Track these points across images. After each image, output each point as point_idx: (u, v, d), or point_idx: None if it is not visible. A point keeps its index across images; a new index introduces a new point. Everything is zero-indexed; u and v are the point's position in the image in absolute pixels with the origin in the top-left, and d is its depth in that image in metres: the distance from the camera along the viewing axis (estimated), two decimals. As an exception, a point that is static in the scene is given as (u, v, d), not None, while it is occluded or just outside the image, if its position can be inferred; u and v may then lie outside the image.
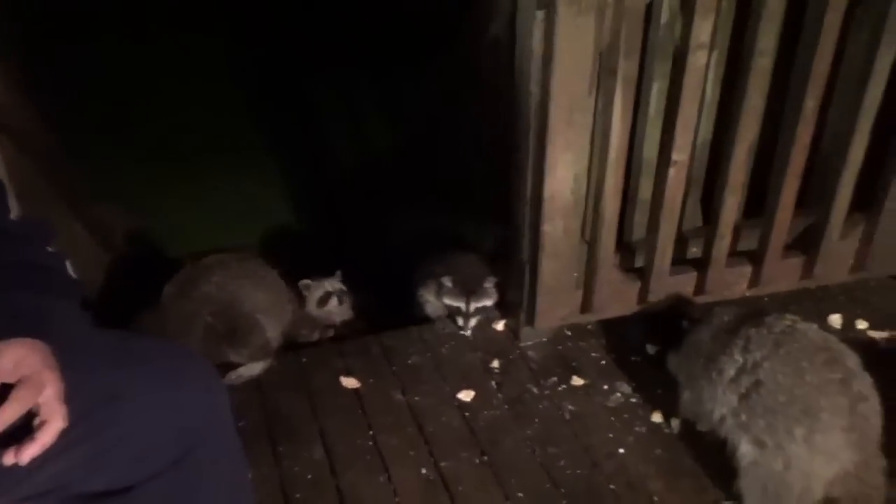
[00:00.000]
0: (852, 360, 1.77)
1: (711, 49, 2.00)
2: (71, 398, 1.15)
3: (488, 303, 2.44)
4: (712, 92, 2.26)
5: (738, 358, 1.81)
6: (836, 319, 2.47)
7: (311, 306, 2.58)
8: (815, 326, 1.86)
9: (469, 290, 2.41)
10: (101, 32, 5.80)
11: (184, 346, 1.37)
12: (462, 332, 2.47)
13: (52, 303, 1.19)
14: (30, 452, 1.05)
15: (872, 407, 1.72)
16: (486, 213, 2.76)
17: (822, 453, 1.68)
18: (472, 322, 2.45)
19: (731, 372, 1.82)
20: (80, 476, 1.20)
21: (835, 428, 1.68)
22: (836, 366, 1.75)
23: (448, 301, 2.45)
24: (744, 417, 1.78)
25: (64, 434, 1.12)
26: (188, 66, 5.82)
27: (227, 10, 6.44)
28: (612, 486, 1.96)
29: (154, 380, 1.21)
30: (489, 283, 2.44)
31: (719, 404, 1.84)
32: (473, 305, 2.42)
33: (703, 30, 1.91)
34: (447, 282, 2.43)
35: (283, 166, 5.15)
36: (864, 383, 1.75)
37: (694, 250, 2.45)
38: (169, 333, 2.26)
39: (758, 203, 2.39)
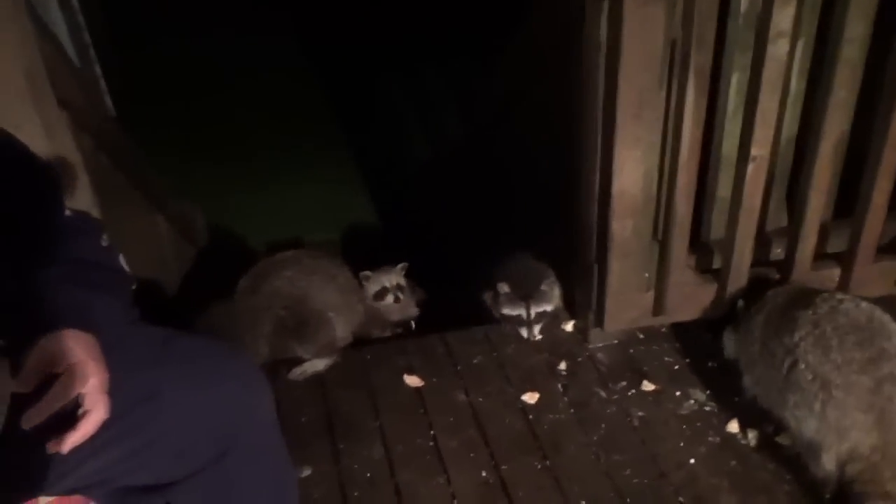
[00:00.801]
0: (893, 342, 1.76)
1: (795, 38, 1.88)
2: (113, 393, 1.17)
3: (548, 307, 2.34)
4: (797, 84, 2.12)
5: (786, 341, 1.85)
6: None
7: (369, 299, 2.57)
8: (864, 304, 1.86)
9: (527, 296, 2.32)
10: (168, 32, 5.98)
11: (227, 345, 1.37)
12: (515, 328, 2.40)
13: (102, 297, 1.21)
14: (72, 441, 1.06)
15: None
16: (554, 210, 2.69)
17: (833, 428, 1.72)
18: (537, 329, 2.36)
19: (780, 356, 1.85)
20: (123, 470, 1.22)
21: (848, 405, 1.71)
22: (868, 345, 1.76)
23: (507, 311, 2.36)
24: (786, 396, 1.83)
25: (107, 428, 1.13)
26: (260, 62, 5.94)
27: (297, 6, 6.53)
28: (680, 499, 1.87)
29: (194, 378, 1.21)
30: (546, 286, 2.33)
31: (774, 386, 1.89)
32: (534, 311, 2.33)
33: (783, 16, 1.79)
34: (504, 288, 2.34)
35: (357, 162, 5.22)
36: None
37: (778, 251, 2.31)
38: (239, 326, 2.30)
39: (849, 203, 2.23)
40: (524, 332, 2.37)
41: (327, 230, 4.34)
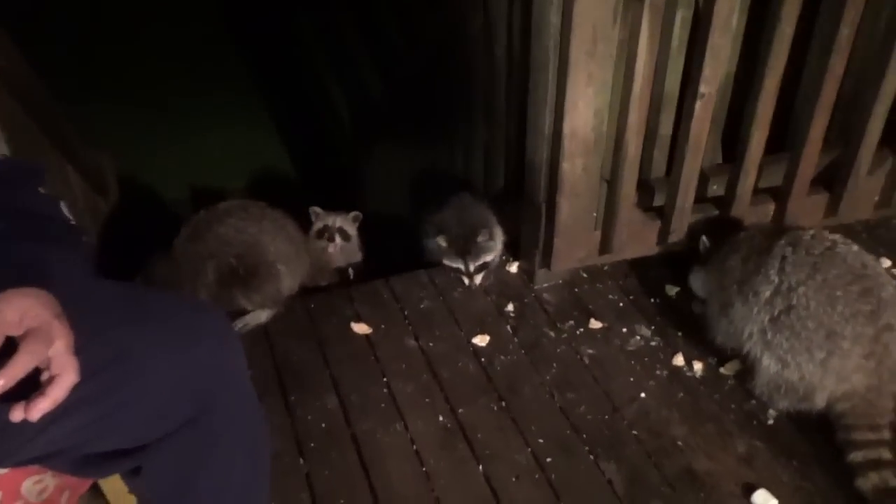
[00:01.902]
0: (887, 291, 1.81)
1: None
2: (81, 353, 1.07)
3: (487, 258, 2.32)
4: (739, 19, 2.13)
5: (774, 278, 1.86)
6: (859, 258, 2.40)
7: (311, 237, 2.52)
8: (854, 248, 1.89)
9: (464, 251, 2.29)
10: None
11: (198, 300, 1.28)
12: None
13: (53, 250, 1.10)
14: (41, 408, 0.96)
15: None
16: (497, 150, 2.66)
17: (835, 373, 1.78)
18: (478, 279, 2.34)
19: (766, 293, 1.86)
20: (90, 436, 1.14)
21: (853, 354, 1.76)
22: (870, 296, 1.79)
23: (447, 262, 2.35)
24: (769, 336, 1.85)
25: (74, 391, 1.04)
26: (175, 7, 5.64)
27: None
28: (634, 432, 1.91)
29: (168, 336, 1.13)
30: (483, 238, 2.30)
31: (750, 322, 1.89)
32: (472, 264, 2.31)
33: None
34: (442, 241, 2.31)
35: (273, 107, 5.04)
36: (894, 314, 1.79)
37: (714, 188, 2.36)
38: (180, 277, 2.18)
39: (779, 139, 2.29)
40: (466, 281, 2.36)
41: (239, 178, 4.20)
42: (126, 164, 3.85)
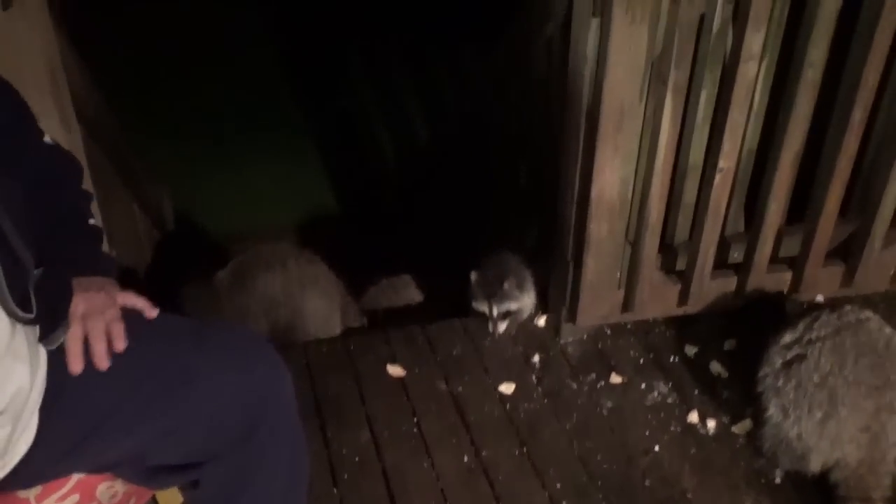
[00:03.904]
0: None
1: (762, 59, 2.04)
2: (152, 375, 1.26)
3: (512, 306, 2.43)
4: (760, 100, 2.28)
5: (799, 328, 1.96)
6: (874, 328, 2.49)
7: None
8: (888, 330, 1.96)
9: (490, 295, 2.41)
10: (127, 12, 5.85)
11: (254, 332, 1.47)
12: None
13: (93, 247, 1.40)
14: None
15: None
16: (531, 210, 2.82)
17: (829, 438, 1.85)
18: (501, 326, 2.46)
19: (787, 339, 1.97)
20: (156, 449, 1.30)
21: (849, 424, 1.84)
22: (879, 372, 1.88)
23: (475, 305, 2.48)
24: (779, 382, 1.94)
25: (147, 407, 1.23)
26: (223, 45, 5.85)
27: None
28: (647, 482, 2.02)
29: (229, 363, 1.29)
30: (509, 285, 2.41)
31: (767, 364, 1.99)
32: (496, 309, 2.42)
33: (754, 41, 1.95)
34: (473, 276, 2.44)
35: (322, 148, 5.20)
36: None
37: (735, 255, 2.48)
38: (221, 312, 2.38)
39: (800, 208, 2.42)
40: (490, 327, 2.49)
41: (291, 214, 4.35)
42: (178, 197, 4.07)
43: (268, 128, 5.17)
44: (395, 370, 2.37)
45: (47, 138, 1.40)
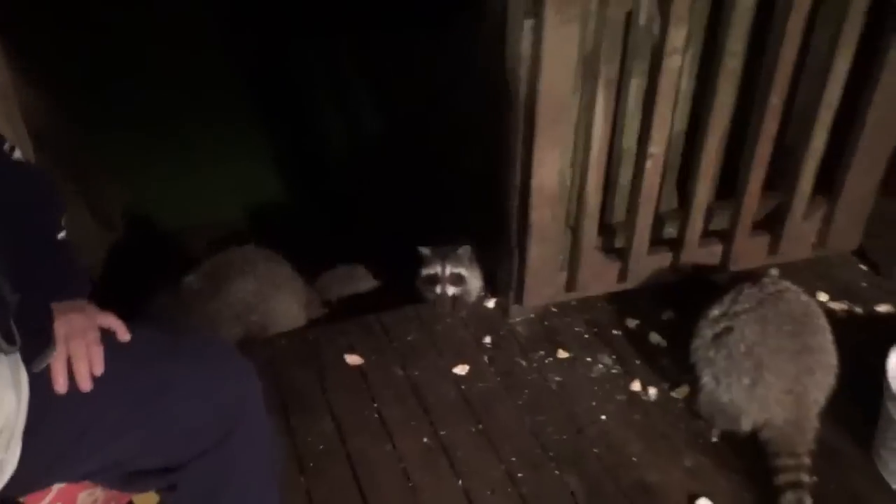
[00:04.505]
0: (817, 339, 2.05)
1: (686, 51, 2.17)
2: (128, 389, 1.34)
3: (462, 270, 2.56)
4: (687, 86, 2.42)
5: (726, 303, 2.12)
6: (799, 292, 2.68)
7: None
8: (804, 298, 2.12)
9: (443, 256, 2.55)
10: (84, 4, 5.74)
11: (224, 341, 1.55)
12: (440, 305, 2.62)
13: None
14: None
15: (817, 381, 2.02)
16: (478, 197, 2.92)
17: (757, 402, 2.01)
18: (450, 289, 2.57)
19: (715, 312, 2.12)
20: (136, 455, 1.38)
21: (774, 387, 2.00)
22: (798, 338, 2.04)
23: (425, 271, 2.59)
24: (711, 354, 2.10)
25: (126, 416, 1.31)
26: (173, 37, 5.78)
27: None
28: (595, 450, 2.16)
29: (201, 372, 1.38)
30: (462, 251, 2.56)
31: (698, 336, 2.16)
32: (448, 269, 2.54)
33: (677, 36, 2.08)
34: (425, 250, 2.57)
35: (273, 139, 5.19)
36: (819, 360, 2.03)
37: (670, 230, 2.64)
38: (191, 318, 2.44)
39: (730, 184, 2.58)
40: (437, 289, 2.58)
41: (244, 208, 4.36)
42: (130, 193, 4.03)
43: (220, 121, 5.12)
44: (353, 359, 2.47)
45: (17, 153, 1.45)
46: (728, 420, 2.10)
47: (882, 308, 2.58)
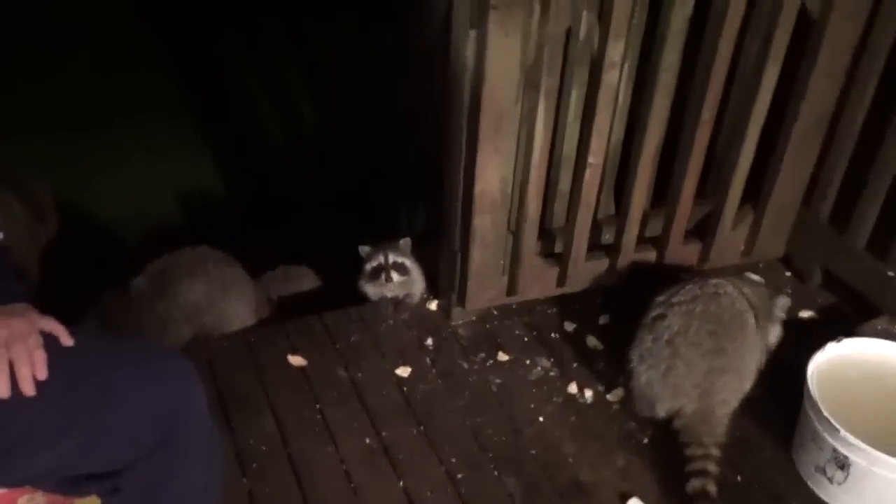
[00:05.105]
0: (735, 344, 2.16)
1: (623, 64, 2.25)
2: (69, 392, 1.34)
3: (405, 260, 2.60)
4: (624, 98, 2.50)
5: (669, 292, 2.25)
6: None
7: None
8: (738, 305, 2.22)
9: (385, 248, 2.59)
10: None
11: (165, 345, 1.56)
12: (383, 307, 2.65)
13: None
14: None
15: (726, 382, 2.15)
16: (419, 198, 2.97)
17: (670, 389, 2.14)
18: (395, 276, 2.59)
19: (659, 299, 2.26)
20: (76, 460, 1.39)
21: (684, 378, 2.13)
22: (716, 339, 2.15)
23: (369, 265, 2.61)
24: (643, 334, 2.23)
25: (66, 421, 1.31)
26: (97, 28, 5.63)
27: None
28: (532, 451, 2.22)
29: (142, 375, 1.39)
30: (404, 243, 2.60)
31: (641, 318, 2.27)
32: (392, 258, 2.57)
33: (615, 50, 2.16)
34: (365, 249, 2.60)
35: (210, 135, 5.12)
36: (732, 363, 2.16)
37: (607, 237, 2.72)
38: (141, 322, 2.41)
39: (665, 192, 2.67)
40: (382, 278, 2.59)
41: (176, 200, 4.30)
42: (59, 189, 3.94)
43: (152, 113, 5.03)
44: (296, 360, 2.48)
45: None
46: (646, 405, 2.21)
47: (805, 314, 2.70)
